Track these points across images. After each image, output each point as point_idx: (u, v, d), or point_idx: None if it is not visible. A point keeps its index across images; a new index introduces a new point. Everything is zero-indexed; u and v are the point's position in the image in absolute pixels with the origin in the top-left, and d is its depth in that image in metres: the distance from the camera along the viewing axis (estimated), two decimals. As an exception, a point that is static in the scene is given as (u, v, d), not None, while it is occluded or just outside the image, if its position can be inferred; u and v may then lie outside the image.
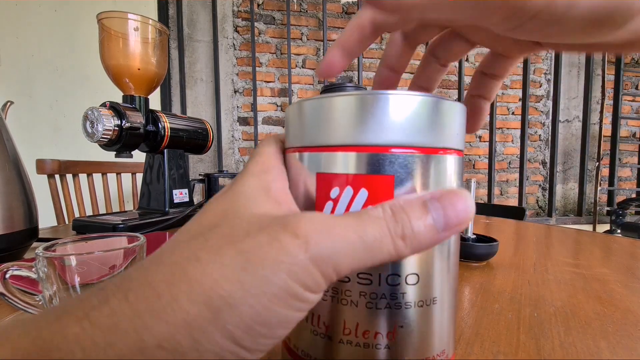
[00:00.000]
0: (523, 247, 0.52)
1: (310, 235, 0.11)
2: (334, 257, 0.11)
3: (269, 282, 0.10)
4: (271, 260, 0.10)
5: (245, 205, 0.13)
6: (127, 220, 0.61)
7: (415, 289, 0.14)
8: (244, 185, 0.14)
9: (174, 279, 0.10)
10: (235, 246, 0.11)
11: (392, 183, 0.13)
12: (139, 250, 0.24)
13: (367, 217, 0.12)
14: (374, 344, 0.14)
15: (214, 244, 0.11)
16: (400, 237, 0.11)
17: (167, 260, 0.11)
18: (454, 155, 0.15)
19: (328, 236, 0.11)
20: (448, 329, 0.16)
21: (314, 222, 0.11)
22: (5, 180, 0.41)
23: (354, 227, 0.11)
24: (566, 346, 0.23)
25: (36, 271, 0.22)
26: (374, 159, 0.14)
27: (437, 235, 0.12)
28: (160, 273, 0.11)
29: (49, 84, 1.63)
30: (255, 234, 0.11)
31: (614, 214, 1.84)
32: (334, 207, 0.14)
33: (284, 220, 0.12)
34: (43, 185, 0.97)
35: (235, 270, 0.10)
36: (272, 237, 0.11)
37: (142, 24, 0.67)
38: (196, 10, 1.80)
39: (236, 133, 1.89)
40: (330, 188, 0.14)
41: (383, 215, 0.12)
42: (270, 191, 0.14)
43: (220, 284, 0.10)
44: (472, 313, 0.28)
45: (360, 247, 0.11)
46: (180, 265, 0.11)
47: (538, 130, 2.07)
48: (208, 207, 0.14)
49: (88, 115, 0.59)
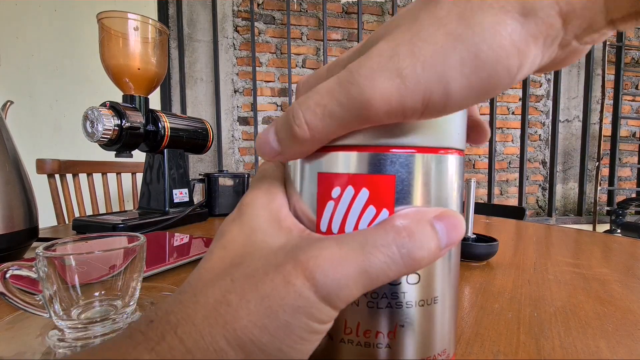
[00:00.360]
0: (523, 247, 0.52)
1: (317, 276, 0.12)
2: (341, 293, 0.12)
3: (291, 326, 0.12)
4: (289, 307, 0.12)
5: (262, 241, 0.14)
6: (127, 220, 0.61)
7: (416, 288, 0.14)
8: (255, 217, 0.15)
9: (211, 321, 0.12)
10: (257, 290, 0.12)
11: (393, 183, 0.14)
12: (139, 250, 0.24)
13: (372, 247, 0.12)
14: (375, 344, 0.14)
15: (239, 287, 0.13)
16: (412, 259, 0.12)
17: (202, 299, 0.13)
18: (455, 155, 0.15)
19: (334, 274, 0.12)
20: (449, 328, 0.16)
21: (321, 260, 0.12)
22: (5, 180, 0.41)
23: (359, 260, 0.12)
24: (566, 346, 0.23)
25: (36, 271, 0.22)
26: (375, 158, 0.14)
27: (439, 253, 0.13)
28: (199, 312, 0.12)
29: (49, 84, 1.63)
30: (272, 274, 0.12)
31: (614, 214, 1.84)
32: (335, 206, 0.14)
33: (295, 257, 0.13)
34: (43, 185, 0.97)
35: (260, 317, 0.12)
36: (286, 280, 0.12)
37: (142, 23, 0.67)
38: (196, 10, 1.80)
39: (236, 133, 1.89)
40: (332, 188, 0.14)
41: (393, 241, 0.12)
42: (281, 222, 0.15)
43: (250, 330, 0.12)
44: (472, 313, 0.28)
45: (366, 278, 0.12)
46: (214, 307, 0.12)
47: (538, 130, 2.07)
48: (226, 239, 0.15)
49: (88, 115, 0.59)
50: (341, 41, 1.92)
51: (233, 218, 0.16)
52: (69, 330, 0.22)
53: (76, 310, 0.23)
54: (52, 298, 0.22)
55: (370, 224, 0.14)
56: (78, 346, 0.21)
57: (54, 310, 0.22)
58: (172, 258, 0.41)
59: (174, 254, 0.43)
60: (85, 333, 0.22)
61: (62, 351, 0.21)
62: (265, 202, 0.16)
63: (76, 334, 0.22)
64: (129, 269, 0.24)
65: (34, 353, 0.21)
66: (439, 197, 0.14)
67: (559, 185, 2.08)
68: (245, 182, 0.87)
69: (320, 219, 0.15)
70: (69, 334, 0.22)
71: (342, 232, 0.14)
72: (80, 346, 0.21)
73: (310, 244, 0.13)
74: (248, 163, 1.92)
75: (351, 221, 0.14)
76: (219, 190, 0.83)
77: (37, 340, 0.22)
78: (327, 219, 0.15)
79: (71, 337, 0.22)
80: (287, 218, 0.15)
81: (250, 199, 0.16)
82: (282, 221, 0.15)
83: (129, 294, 0.24)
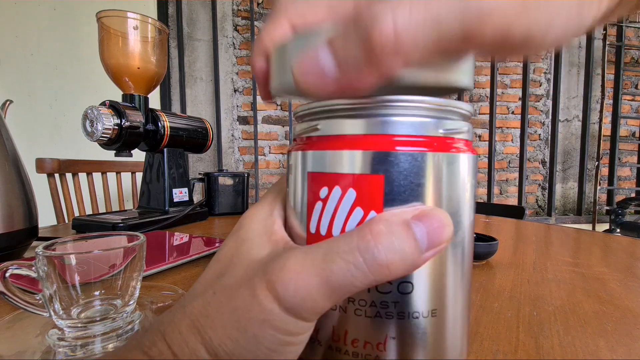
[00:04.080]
0: (522, 246, 0.52)
1: (278, 289, 0.12)
2: (304, 304, 0.12)
3: (259, 338, 0.12)
4: (255, 320, 0.12)
5: (248, 252, 0.15)
6: (126, 219, 0.61)
7: (409, 298, 0.13)
8: (250, 230, 0.15)
9: (194, 330, 0.13)
10: (230, 303, 0.13)
11: (381, 183, 0.13)
12: (138, 249, 0.24)
13: (334, 255, 0.11)
14: (363, 354, 0.13)
15: (217, 299, 0.13)
16: (382, 263, 0.11)
17: (188, 310, 0.13)
18: (466, 154, 0.14)
19: (295, 286, 0.12)
20: (452, 346, 0.14)
21: (284, 271, 0.12)
22: (5, 179, 0.41)
23: (320, 270, 0.11)
24: (565, 345, 0.23)
25: (36, 270, 0.22)
26: (361, 157, 0.13)
27: (420, 257, 0.11)
28: (185, 322, 0.13)
29: (49, 83, 1.62)
30: (243, 287, 0.13)
31: (614, 213, 1.84)
32: (323, 207, 0.14)
33: (264, 269, 0.13)
34: (43, 184, 0.97)
35: (232, 330, 0.12)
36: (252, 294, 0.12)
37: (141, 22, 0.67)
38: (196, 9, 1.80)
39: (236, 132, 1.89)
40: (320, 188, 0.14)
41: (356, 246, 0.11)
42: (272, 234, 0.15)
43: (224, 341, 0.12)
44: (472, 312, 0.28)
45: (327, 289, 0.11)
46: (197, 318, 0.13)
47: (538, 129, 2.07)
48: (222, 252, 0.16)
49: (88, 114, 0.59)
50: (341, 40, 1.92)
51: (233, 232, 0.16)
52: (69, 330, 0.22)
53: (76, 309, 0.23)
54: (52, 297, 0.22)
55: (357, 226, 0.13)
56: (78, 345, 0.21)
57: (53, 309, 0.22)
58: (171, 257, 0.41)
59: (173, 253, 0.43)
60: (85, 332, 0.22)
61: (62, 350, 0.21)
62: (263, 215, 0.16)
63: (76, 333, 0.22)
64: (129, 268, 0.24)
65: (33, 352, 0.21)
66: (444, 198, 0.13)
67: (559, 184, 2.08)
68: (245, 182, 0.87)
69: (310, 220, 0.14)
70: (69, 333, 0.22)
71: (330, 235, 0.13)
72: (80, 345, 0.21)
73: (281, 254, 0.13)
74: (248, 162, 1.92)
75: (338, 223, 0.13)
76: (218, 189, 0.83)
77: (37, 340, 0.22)
78: (315, 220, 0.14)
79: (71, 336, 0.22)
80: (279, 231, 0.15)
81: (251, 212, 0.16)
82: (273, 234, 0.15)
83: (129, 293, 0.24)
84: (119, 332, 0.23)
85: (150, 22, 0.68)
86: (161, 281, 0.35)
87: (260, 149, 1.90)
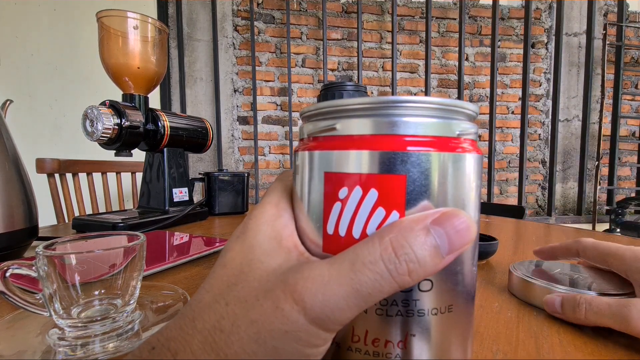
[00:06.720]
0: (523, 246, 0.52)
1: (306, 300, 0.12)
2: (332, 315, 0.12)
3: (279, 350, 0.12)
4: (277, 332, 0.12)
5: (259, 260, 0.14)
6: (126, 219, 0.61)
7: (429, 295, 0.13)
8: (257, 234, 0.15)
9: (207, 347, 0.12)
10: (247, 315, 0.12)
11: (404, 183, 0.13)
12: (138, 249, 0.24)
13: (361, 265, 0.12)
14: (384, 353, 0.14)
15: (231, 312, 0.13)
16: (404, 274, 0.12)
17: (199, 325, 0.13)
18: (472, 154, 0.14)
19: (323, 297, 0.12)
20: (465, 338, 0.15)
21: (310, 282, 0.12)
22: (5, 179, 0.41)
23: (349, 280, 0.12)
24: (565, 344, 0.23)
25: (36, 270, 0.22)
26: (384, 157, 0.13)
27: (441, 262, 0.12)
28: (196, 338, 0.13)
29: (49, 83, 1.62)
30: (262, 299, 0.12)
31: (614, 213, 1.84)
32: (342, 208, 0.14)
33: (285, 280, 0.12)
34: (43, 184, 0.97)
35: (250, 343, 0.12)
36: (275, 305, 0.12)
37: (141, 22, 0.67)
38: (196, 9, 1.80)
39: (236, 132, 1.89)
40: (339, 188, 0.14)
41: (381, 256, 0.12)
42: (282, 240, 0.15)
43: (240, 356, 0.12)
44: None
45: (358, 298, 0.12)
46: (210, 333, 0.12)
47: (538, 129, 2.07)
48: (227, 256, 0.15)
49: (88, 113, 0.59)
50: (341, 40, 1.92)
51: (238, 235, 0.16)
52: (69, 329, 0.22)
53: (76, 309, 0.23)
54: (52, 297, 0.22)
55: (379, 226, 0.13)
56: (78, 345, 0.21)
57: (54, 309, 0.22)
58: (172, 257, 0.41)
59: (173, 253, 0.43)
60: (85, 332, 0.22)
61: (62, 350, 0.21)
62: (270, 217, 0.15)
63: (76, 333, 0.22)
64: (129, 268, 0.24)
65: (34, 352, 0.21)
66: (456, 198, 0.13)
67: (559, 184, 2.08)
68: (245, 181, 0.87)
69: (327, 221, 0.14)
70: (69, 333, 0.22)
71: (350, 236, 0.13)
72: (80, 345, 0.21)
73: (302, 265, 0.13)
74: (248, 162, 1.92)
75: (359, 224, 0.13)
76: (218, 189, 0.83)
77: (37, 339, 0.22)
78: (333, 221, 0.14)
79: (71, 336, 0.22)
80: (289, 237, 0.15)
81: (258, 212, 0.16)
82: (284, 240, 0.15)
83: (129, 293, 0.24)
84: (119, 332, 0.23)
85: (150, 22, 0.68)
86: (161, 281, 0.35)
87: (260, 149, 1.90)
